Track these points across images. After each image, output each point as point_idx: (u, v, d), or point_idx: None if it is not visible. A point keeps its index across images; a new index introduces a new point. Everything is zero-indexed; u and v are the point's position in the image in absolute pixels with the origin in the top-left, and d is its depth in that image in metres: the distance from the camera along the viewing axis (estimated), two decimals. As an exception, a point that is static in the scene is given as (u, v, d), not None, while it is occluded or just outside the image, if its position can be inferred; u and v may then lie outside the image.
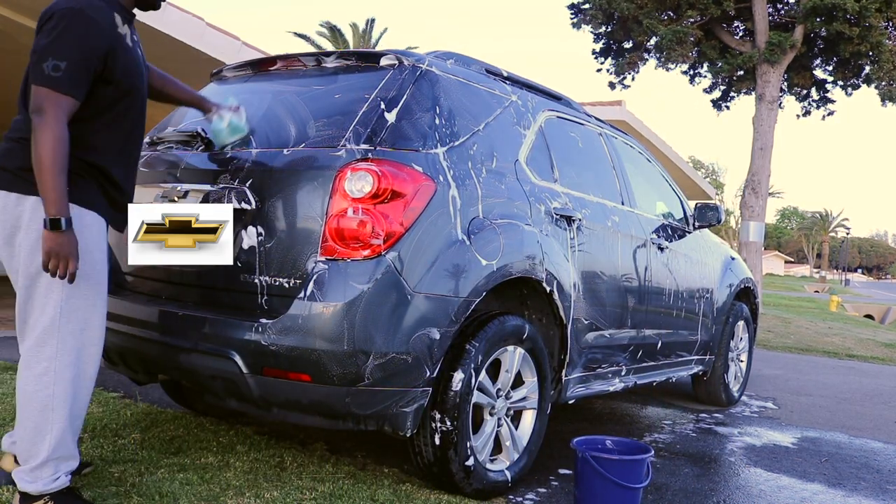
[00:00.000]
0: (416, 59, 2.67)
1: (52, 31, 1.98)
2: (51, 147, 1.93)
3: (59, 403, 2.07)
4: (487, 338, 2.57)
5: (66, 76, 1.96)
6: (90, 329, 2.12)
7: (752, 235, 12.62)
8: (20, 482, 2.09)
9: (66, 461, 2.13)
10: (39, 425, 2.06)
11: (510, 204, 2.75)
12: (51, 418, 2.06)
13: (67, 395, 2.08)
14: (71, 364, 2.08)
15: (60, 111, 1.96)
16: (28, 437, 2.08)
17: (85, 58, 2.00)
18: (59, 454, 2.09)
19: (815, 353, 8.95)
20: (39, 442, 2.06)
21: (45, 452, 2.06)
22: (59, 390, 2.06)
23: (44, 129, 1.93)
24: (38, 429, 2.06)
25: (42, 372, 2.05)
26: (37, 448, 2.07)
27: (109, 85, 2.10)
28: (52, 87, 1.95)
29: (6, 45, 6.56)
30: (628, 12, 12.81)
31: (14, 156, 2.07)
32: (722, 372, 4.72)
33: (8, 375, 3.99)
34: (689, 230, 4.37)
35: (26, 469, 2.08)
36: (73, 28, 1.98)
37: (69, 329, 2.07)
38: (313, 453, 3.00)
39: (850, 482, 3.34)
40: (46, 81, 1.95)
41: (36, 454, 2.07)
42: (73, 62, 1.97)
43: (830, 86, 14.10)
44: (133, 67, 2.18)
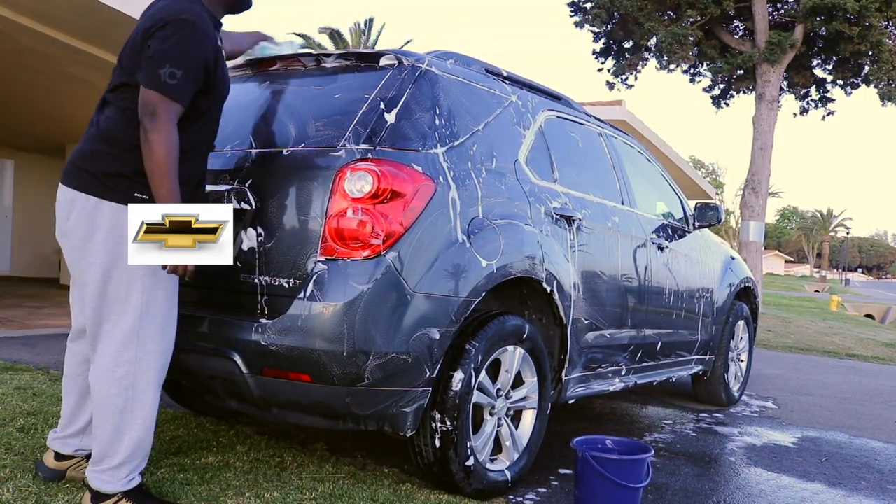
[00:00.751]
0: (415, 59, 2.67)
1: (168, 39, 2.04)
2: (165, 151, 2.00)
3: (139, 406, 2.12)
4: (487, 338, 2.57)
5: (181, 84, 2.03)
6: (167, 334, 2.17)
7: (752, 235, 12.62)
8: (94, 481, 2.13)
9: (142, 462, 2.18)
10: (119, 427, 2.11)
11: (510, 204, 2.75)
12: (130, 420, 2.11)
13: (147, 397, 2.13)
14: (151, 367, 2.13)
15: (174, 117, 2.04)
16: (106, 439, 2.12)
17: (196, 69, 2.08)
18: (137, 455, 2.14)
19: (816, 353, 8.95)
20: (117, 444, 2.11)
21: (122, 454, 2.11)
22: (139, 393, 2.11)
23: (159, 133, 2.00)
24: (117, 431, 2.11)
25: (122, 375, 2.09)
26: (114, 449, 2.11)
27: (208, 95, 2.17)
28: (167, 94, 2.02)
29: (6, 46, 6.55)
30: (631, 10, 12.81)
31: (98, 160, 2.11)
32: (722, 372, 4.72)
33: (8, 375, 3.99)
34: (689, 230, 4.37)
35: (101, 469, 2.13)
36: (189, 38, 2.05)
37: (149, 333, 2.11)
38: (313, 453, 3.00)
39: (851, 482, 3.33)
40: (162, 88, 2.02)
41: (113, 455, 2.12)
42: (187, 71, 2.04)
43: (830, 85, 14.11)
44: (226, 77, 2.26)
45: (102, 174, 2.09)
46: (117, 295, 2.09)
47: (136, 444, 2.13)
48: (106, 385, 2.10)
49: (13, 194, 12.56)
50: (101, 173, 2.09)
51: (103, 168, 2.10)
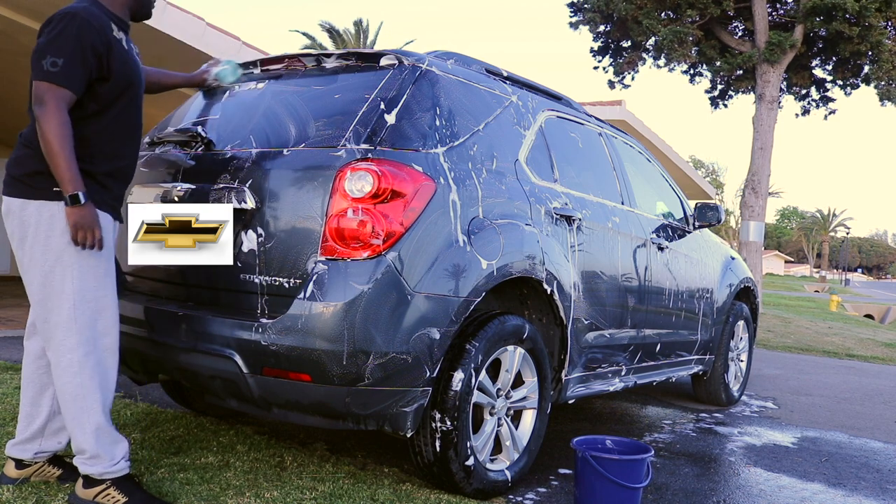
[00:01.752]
0: (416, 59, 2.67)
1: (50, 33, 2.12)
2: (56, 132, 2.06)
3: (88, 392, 2.18)
4: (487, 338, 2.57)
5: (63, 71, 2.09)
6: (103, 319, 2.22)
7: (752, 235, 12.62)
8: (81, 466, 2.22)
9: (117, 444, 2.25)
10: (77, 416, 2.19)
11: (510, 204, 2.75)
12: (84, 406, 2.18)
13: (94, 382, 2.19)
14: (90, 353, 2.18)
15: (61, 101, 2.09)
16: (73, 430, 2.21)
17: (81, 54, 2.12)
18: (105, 440, 2.21)
19: (815, 353, 8.95)
20: (82, 434, 2.19)
21: (90, 442, 2.19)
22: (87, 379, 2.17)
23: (47, 118, 2.06)
24: (76, 420, 2.19)
25: (67, 364, 2.17)
26: (83, 439, 2.20)
27: (107, 81, 2.21)
28: (51, 81, 2.08)
29: (6, 46, 6.56)
30: (627, 13, 12.80)
31: (21, 163, 2.19)
32: (722, 371, 4.72)
33: (8, 375, 3.99)
34: (689, 230, 4.37)
35: (82, 459, 2.21)
36: (69, 28, 2.12)
37: (84, 320, 2.17)
38: (313, 453, 3.00)
39: (850, 482, 3.34)
40: (45, 76, 2.09)
41: (84, 445, 2.20)
42: (69, 58, 2.10)
43: (830, 85, 14.11)
44: (130, 64, 2.29)
45: (25, 175, 2.17)
46: (55, 287, 2.16)
47: (99, 429, 2.20)
48: (59, 376, 2.19)
49: (13, 194, 12.54)
50: (24, 174, 2.18)
51: (25, 170, 2.18)
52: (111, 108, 2.24)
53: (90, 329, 2.18)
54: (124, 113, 2.29)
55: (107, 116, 2.23)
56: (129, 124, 2.31)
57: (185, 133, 2.77)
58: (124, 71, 2.24)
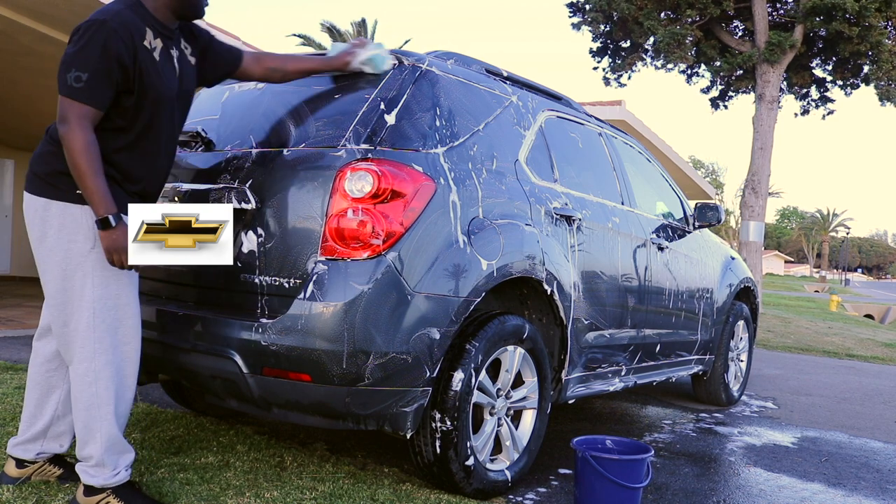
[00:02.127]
0: (416, 59, 2.67)
1: (77, 43, 2.04)
2: (81, 153, 2.01)
3: (102, 402, 2.15)
4: (487, 338, 2.57)
5: (87, 86, 2.02)
6: (123, 327, 2.19)
7: (752, 235, 12.62)
8: (83, 475, 2.19)
9: (123, 455, 2.23)
10: (88, 424, 2.16)
11: (510, 204, 2.75)
12: (97, 416, 2.15)
13: (110, 392, 2.16)
14: (109, 363, 2.15)
15: (84, 120, 2.03)
16: (82, 436, 2.18)
17: (106, 69, 2.04)
18: (113, 450, 2.19)
19: (815, 353, 8.96)
20: (92, 441, 2.16)
21: (98, 451, 2.16)
22: (101, 389, 2.14)
23: (71, 138, 2.01)
24: (88, 428, 2.16)
25: (84, 372, 2.14)
26: (91, 447, 2.17)
27: (132, 95, 2.13)
28: (75, 98, 2.02)
29: (6, 46, 6.56)
30: (628, 13, 12.81)
31: (45, 161, 2.14)
32: (722, 371, 4.72)
33: (8, 375, 3.99)
34: (689, 230, 4.37)
35: (86, 466, 2.19)
36: (96, 38, 2.03)
37: (103, 328, 2.14)
38: (313, 453, 3.00)
39: (850, 482, 3.34)
40: (69, 92, 2.02)
41: (91, 452, 2.17)
42: (93, 72, 2.02)
43: (830, 85, 14.11)
44: (162, 76, 2.19)
45: (48, 174, 2.13)
46: (74, 293, 2.12)
47: (110, 440, 2.17)
48: (75, 384, 2.16)
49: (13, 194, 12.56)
50: (47, 173, 2.13)
51: (49, 168, 2.13)
52: (136, 122, 2.16)
53: (110, 337, 2.14)
54: (154, 128, 2.20)
55: (133, 131, 2.16)
56: (159, 140, 2.23)
57: (185, 133, 2.76)
58: (152, 83, 2.15)
